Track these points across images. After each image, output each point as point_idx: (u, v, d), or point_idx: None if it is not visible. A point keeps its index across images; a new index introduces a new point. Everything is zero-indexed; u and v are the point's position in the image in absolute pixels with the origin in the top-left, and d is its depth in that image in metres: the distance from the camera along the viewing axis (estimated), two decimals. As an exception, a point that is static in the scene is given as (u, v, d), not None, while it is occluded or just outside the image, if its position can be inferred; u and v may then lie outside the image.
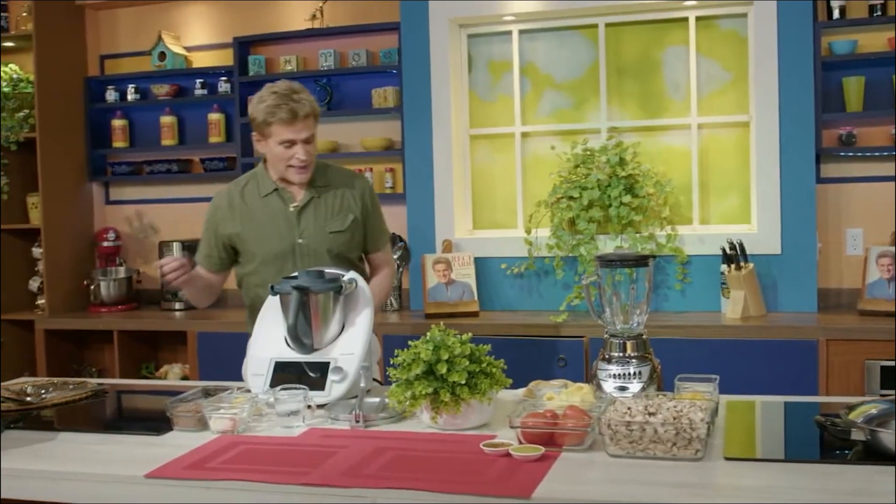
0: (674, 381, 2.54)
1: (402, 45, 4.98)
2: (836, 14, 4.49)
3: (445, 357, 2.35)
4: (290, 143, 3.10)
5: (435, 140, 4.93)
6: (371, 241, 3.36)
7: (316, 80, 5.25)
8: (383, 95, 5.11)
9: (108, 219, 5.83)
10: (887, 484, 1.91)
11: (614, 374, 2.55)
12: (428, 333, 2.45)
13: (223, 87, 5.42)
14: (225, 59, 5.47)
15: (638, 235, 4.60)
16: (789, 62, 4.48)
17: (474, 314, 4.71)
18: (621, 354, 2.57)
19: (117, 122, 5.65)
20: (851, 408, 2.22)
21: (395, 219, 5.06)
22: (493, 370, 2.42)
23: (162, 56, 5.50)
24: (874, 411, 2.17)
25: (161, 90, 5.54)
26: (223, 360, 4.11)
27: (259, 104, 3.13)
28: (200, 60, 5.59)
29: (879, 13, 4.43)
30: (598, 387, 2.57)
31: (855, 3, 4.50)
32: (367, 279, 3.26)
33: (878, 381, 3.98)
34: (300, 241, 3.19)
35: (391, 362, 2.46)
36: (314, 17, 5.26)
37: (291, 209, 3.20)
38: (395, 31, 5.03)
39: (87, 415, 2.84)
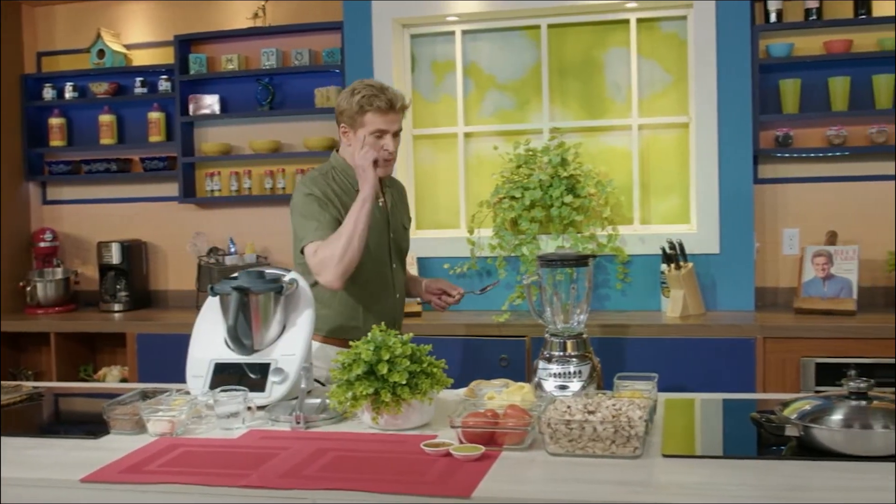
0: (613, 380, 2.57)
1: (345, 44, 4.96)
2: (773, 18, 4.56)
3: (386, 357, 2.35)
4: (381, 134, 3.07)
5: (378, 140, 4.91)
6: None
7: (258, 79, 5.22)
8: (326, 95, 5.08)
9: (46, 219, 5.73)
10: (821, 479, 1.95)
11: (555, 374, 2.57)
12: (369, 334, 2.45)
13: (163, 85, 5.36)
14: (165, 57, 5.41)
15: (579, 235, 4.63)
16: (728, 64, 4.54)
17: (417, 314, 4.70)
18: (562, 354, 2.59)
19: (55, 121, 5.56)
20: (786, 404, 2.26)
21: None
22: (434, 370, 2.42)
23: (101, 54, 5.42)
24: (808, 407, 2.21)
25: (100, 88, 5.46)
26: (163, 362, 4.06)
27: (352, 96, 3.07)
28: (140, 58, 5.52)
29: (815, 17, 4.51)
30: (539, 386, 2.59)
31: (791, 7, 4.58)
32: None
33: (814, 378, 4.05)
34: (392, 235, 3.23)
35: (332, 363, 2.44)
36: (256, 15, 5.23)
37: (380, 204, 3.20)
38: (338, 30, 5.01)
39: (22, 419, 2.79)
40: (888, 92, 4.45)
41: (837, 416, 2.13)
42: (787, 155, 4.66)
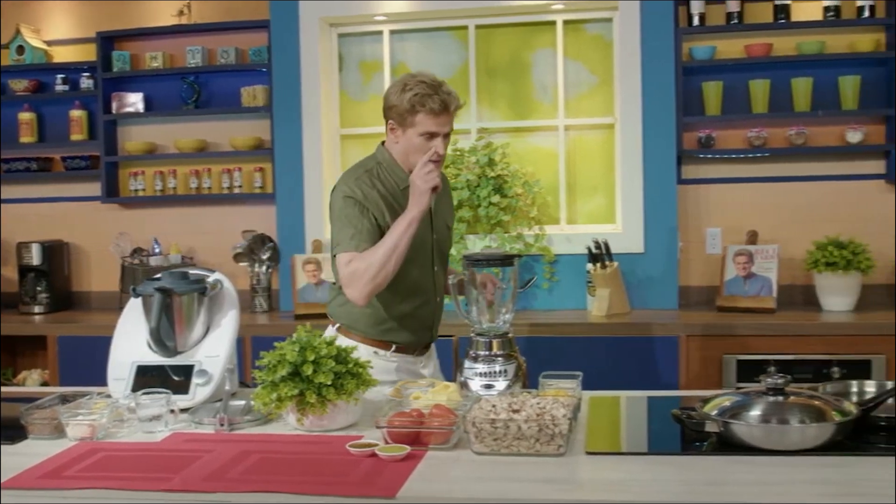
0: (539, 379, 2.59)
1: (272, 43, 4.93)
2: (696, 21, 4.64)
3: (311, 358, 2.33)
4: (431, 136, 2.94)
5: (305, 140, 4.89)
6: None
7: (183, 77, 5.15)
8: (253, 94, 5.04)
9: (-37, 219, 5.59)
10: (739, 473, 1.99)
11: (480, 373, 2.58)
12: (294, 335, 2.43)
13: (86, 83, 5.25)
14: (87, 54, 5.30)
15: (507, 235, 4.66)
16: (652, 66, 4.61)
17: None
18: (487, 353, 2.60)
19: (-28, 119, 5.43)
20: (706, 401, 2.31)
21: (264, 219, 5.02)
22: (360, 371, 2.41)
23: (20, 50, 5.29)
24: (728, 404, 2.25)
25: (19, 85, 5.34)
26: (86, 365, 3.97)
27: (403, 92, 2.93)
28: (61, 55, 5.40)
29: (736, 21, 4.60)
30: (465, 385, 2.59)
31: (714, 11, 4.66)
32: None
33: (735, 375, 4.13)
34: (435, 236, 3.11)
35: (256, 364, 2.43)
36: (181, 13, 5.16)
37: None
38: (265, 28, 4.97)
39: (-64, 424, 2.71)
40: (806, 95, 4.56)
41: (755, 412, 2.18)
42: (709, 156, 4.75)
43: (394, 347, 3.06)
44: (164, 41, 5.22)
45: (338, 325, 3.10)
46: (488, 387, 2.56)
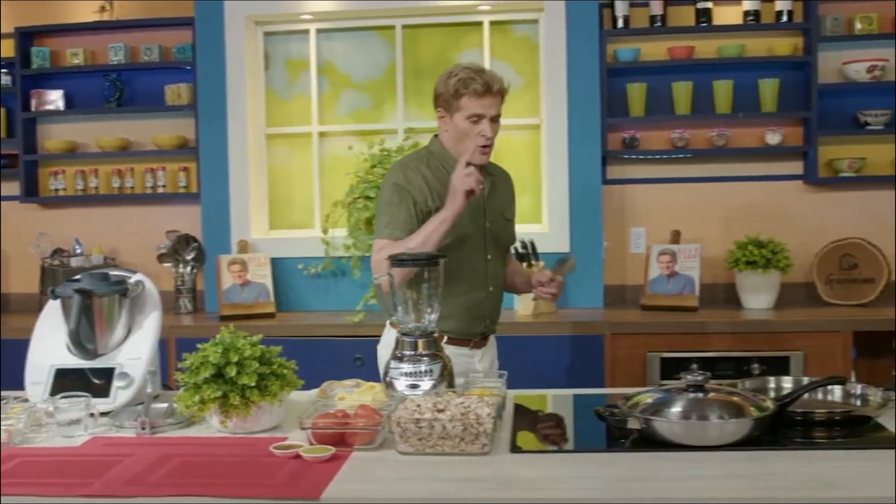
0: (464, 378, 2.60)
1: (197, 41, 4.87)
2: (620, 23, 4.70)
3: (235, 359, 2.31)
4: (478, 119, 2.96)
5: (230, 139, 4.84)
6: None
7: (105, 74, 5.05)
8: (177, 92, 4.97)
9: None
10: (660, 469, 2.02)
11: (406, 373, 2.57)
12: (217, 336, 2.41)
13: (4, 80, 5.12)
14: (5, 50, 5.15)
15: (434, 235, 4.66)
16: (577, 68, 4.65)
17: (271, 315, 4.66)
18: (413, 353, 2.60)
19: None
20: (629, 398, 2.34)
21: (188, 219, 4.96)
22: (285, 371, 2.39)
23: (-66, 45, 5.16)
24: (649, 401, 2.29)
25: (-67, 82, 5.20)
26: (3, 369, 3.89)
27: (449, 79, 2.99)
28: (-22, 51, 5.28)
29: (660, 24, 4.67)
30: (391, 385, 2.59)
31: (637, 14, 4.72)
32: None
33: (659, 372, 4.20)
34: (488, 224, 3.11)
35: (178, 366, 2.40)
36: (103, 9, 5.07)
37: (477, 192, 3.03)
38: (190, 26, 4.91)
39: None
40: (727, 97, 4.64)
41: (676, 409, 2.22)
42: (633, 156, 4.81)
43: (445, 338, 3.01)
44: (86, 38, 5.12)
45: (389, 320, 3.11)
46: (414, 386, 2.55)
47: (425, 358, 2.60)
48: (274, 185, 5.04)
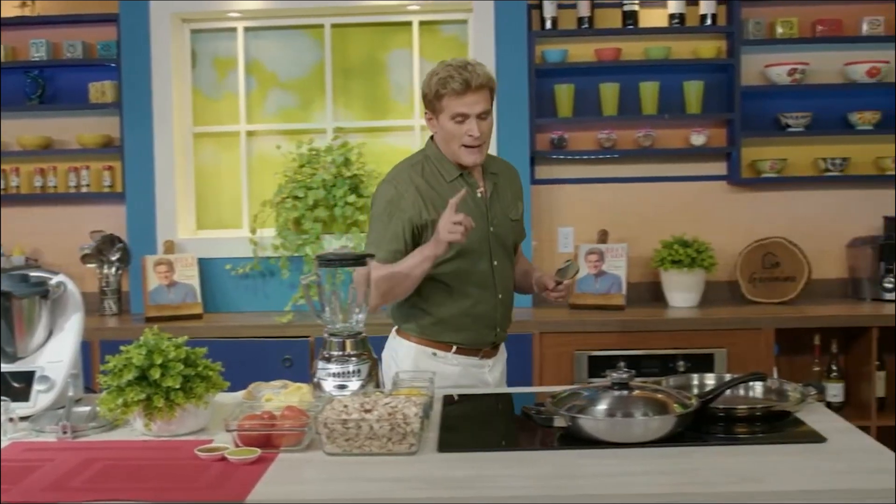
0: (392, 378, 2.60)
1: (122, 38, 4.78)
2: (548, 24, 4.73)
3: (159, 361, 2.28)
4: (463, 118, 2.83)
5: (156, 137, 4.77)
6: (522, 233, 3.22)
7: (26, 71, 4.93)
8: (101, 90, 4.88)
9: None
10: (586, 466, 2.04)
11: (334, 373, 2.56)
12: (141, 337, 2.37)
13: (-81, 76, 4.99)
14: (-79, 45, 5.04)
15: (363, 235, 4.64)
16: (506, 68, 4.67)
17: (198, 316, 4.60)
18: (341, 353, 2.59)
19: None
20: (556, 397, 2.36)
21: (113, 219, 4.88)
22: (210, 373, 2.37)
23: None
24: (576, 399, 2.31)
25: None
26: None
27: (430, 79, 2.87)
28: None
29: (587, 26, 4.71)
30: (319, 386, 2.58)
31: (565, 15, 4.76)
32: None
33: (587, 371, 4.24)
34: (492, 229, 2.98)
35: (101, 369, 2.36)
36: (24, 4, 4.94)
37: (479, 195, 2.97)
38: (114, 22, 4.82)
39: None
40: (653, 98, 4.71)
41: (601, 407, 2.24)
42: (561, 157, 4.86)
43: (454, 348, 2.98)
44: (6, 33, 4.99)
45: (395, 327, 3.08)
46: (342, 387, 2.55)
47: (353, 358, 2.60)
48: (201, 185, 4.98)
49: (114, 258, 4.78)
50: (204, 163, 4.99)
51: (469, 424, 2.57)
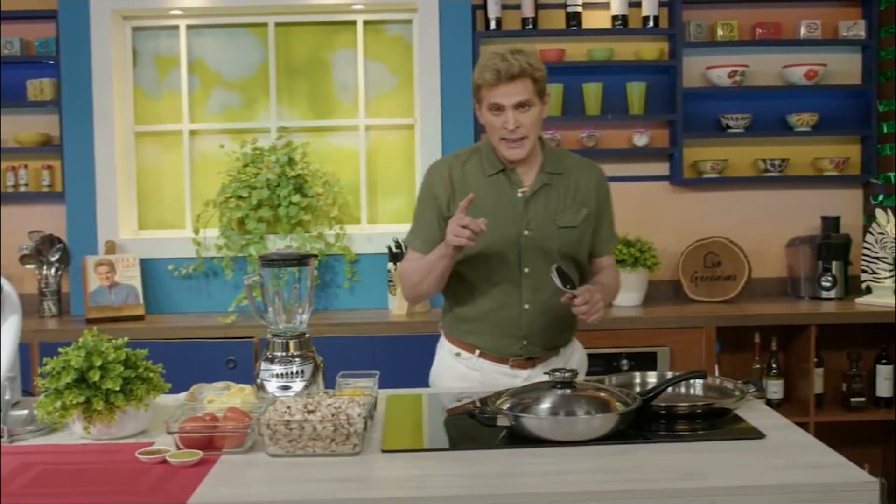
0: (336, 379, 2.59)
1: (61, 35, 4.70)
2: (493, 25, 4.74)
3: (98, 363, 2.25)
4: (499, 109, 2.69)
5: (97, 136, 4.70)
6: (599, 243, 2.96)
7: (-39, 68, 4.84)
8: (39, 87, 4.79)
9: None
10: (530, 465, 2.05)
11: (277, 374, 2.55)
12: (80, 339, 2.34)
13: None
14: None
15: (307, 235, 4.63)
16: (451, 68, 4.68)
17: (140, 318, 4.54)
18: (284, 354, 2.58)
19: None
20: (499, 396, 2.36)
21: (52, 219, 4.80)
22: (151, 375, 2.34)
23: None
24: (519, 398, 2.32)
25: None
26: None
27: (475, 68, 2.74)
28: None
29: (531, 26, 4.73)
30: (262, 387, 2.56)
31: (510, 16, 4.78)
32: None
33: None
34: (526, 233, 2.80)
35: (39, 371, 2.32)
36: (-41, 0, 4.86)
37: (519, 195, 2.81)
38: (53, 19, 4.73)
39: None
40: (597, 99, 4.74)
41: (545, 406, 2.26)
42: (506, 157, 4.86)
43: (478, 352, 2.91)
44: (-60, 29, 4.90)
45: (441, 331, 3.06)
46: (285, 388, 2.53)
47: (297, 359, 2.59)
48: (143, 184, 4.92)
49: (53, 259, 4.70)
50: (146, 162, 4.93)
51: (413, 424, 2.57)
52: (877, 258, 4.53)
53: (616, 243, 3.10)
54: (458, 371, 2.96)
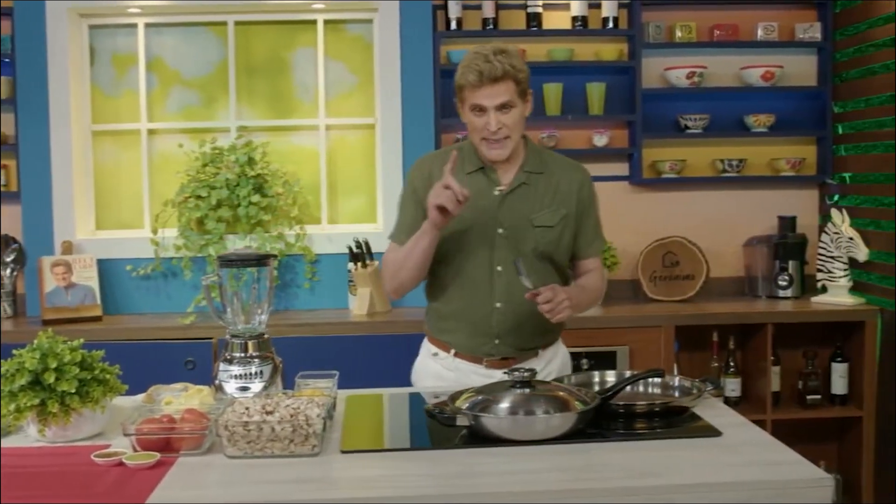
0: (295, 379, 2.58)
1: (16, 32, 4.63)
2: (453, 25, 4.75)
3: (53, 365, 2.23)
4: (481, 111, 2.69)
5: (53, 135, 4.64)
6: (582, 245, 2.92)
7: (-86, 66, 4.77)
8: (-7, 85, 4.73)
9: None
10: (489, 465, 2.06)
11: (235, 375, 2.54)
12: (35, 341, 2.31)
13: None
14: None
15: (267, 235, 4.61)
16: (411, 68, 4.68)
17: (97, 319, 4.49)
18: (243, 355, 2.57)
19: None
20: (457, 396, 2.37)
21: (8, 219, 4.73)
22: (107, 377, 2.32)
23: None
24: (478, 398, 2.32)
25: None
26: None
27: (458, 68, 2.72)
28: None
29: (492, 27, 4.74)
30: (220, 388, 2.55)
31: (470, 16, 4.79)
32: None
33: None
34: (500, 231, 2.78)
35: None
36: (-89, -4, 4.77)
37: (496, 193, 2.79)
38: (8, 16, 4.66)
39: None
40: (557, 99, 4.76)
41: (504, 405, 2.26)
42: (467, 157, 4.87)
43: (453, 352, 2.91)
44: None
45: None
46: (244, 389, 2.52)
47: (256, 360, 2.58)
48: (101, 184, 4.86)
49: (9, 259, 4.64)
50: (103, 161, 4.88)
51: (372, 425, 2.57)
52: (832, 258, 4.59)
53: (602, 246, 3.03)
54: (435, 371, 2.97)
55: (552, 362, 2.97)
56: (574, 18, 4.76)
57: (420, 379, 3.05)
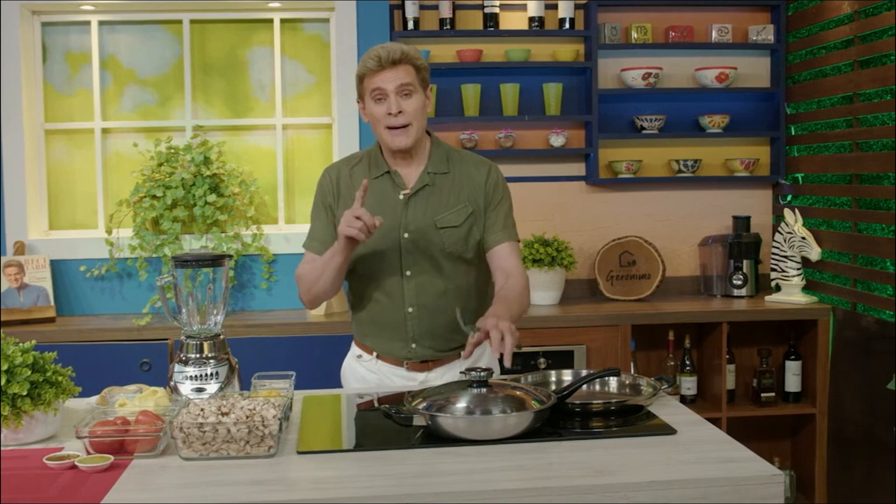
0: (251, 380, 2.57)
1: (-34, 29, 4.58)
2: (410, 25, 4.74)
3: (4, 367, 2.19)
4: (382, 95, 2.66)
5: (4, 134, 4.58)
6: (491, 232, 2.83)
7: None
8: (-56, 84, 4.66)
9: None
10: (446, 464, 2.06)
11: (191, 376, 2.52)
12: (-15, 343, 2.28)
13: None
14: None
15: (223, 235, 4.58)
16: (368, 68, 4.67)
17: (51, 320, 4.44)
18: (198, 356, 2.55)
19: None
20: (414, 395, 2.37)
21: (-42, 219, 4.67)
22: (60, 379, 2.29)
23: None
24: (435, 397, 2.32)
25: None
26: None
27: (359, 64, 2.72)
28: None
29: (449, 27, 4.75)
30: (176, 390, 2.53)
31: (427, 16, 4.79)
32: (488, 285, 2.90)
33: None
34: (406, 235, 2.77)
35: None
36: None
37: (401, 197, 2.78)
38: (-42, 14, 4.61)
39: None
40: (514, 100, 4.78)
41: (461, 405, 2.26)
42: (424, 157, 4.87)
43: (375, 354, 2.93)
44: None
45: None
46: (199, 390, 2.50)
47: (211, 360, 2.56)
48: (54, 184, 4.80)
49: (-41, 260, 4.57)
50: (56, 161, 4.82)
51: (329, 425, 2.56)
52: (785, 257, 4.65)
53: (513, 232, 2.88)
54: (359, 373, 2.99)
55: (478, 363, 2.93)
56: (531, 19, 4.78)
57: (346, 381, 3.07)
